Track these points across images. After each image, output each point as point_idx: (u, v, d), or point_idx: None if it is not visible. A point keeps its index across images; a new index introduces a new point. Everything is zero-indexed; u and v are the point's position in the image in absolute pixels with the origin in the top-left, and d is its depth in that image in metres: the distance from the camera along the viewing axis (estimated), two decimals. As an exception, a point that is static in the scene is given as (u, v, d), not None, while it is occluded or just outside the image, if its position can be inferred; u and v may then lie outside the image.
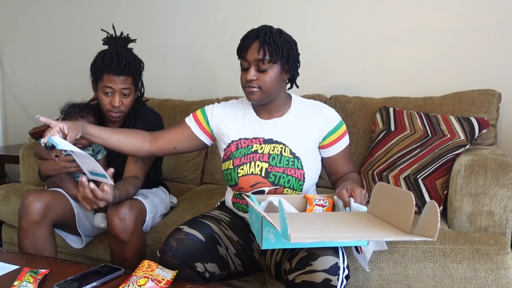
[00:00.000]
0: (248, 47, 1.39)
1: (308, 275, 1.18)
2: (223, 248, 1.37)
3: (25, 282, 1.20)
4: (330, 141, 1.48)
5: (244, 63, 1.42)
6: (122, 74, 1.64)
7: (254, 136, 1.49)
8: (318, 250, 1.20)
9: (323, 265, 1.17)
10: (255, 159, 1.44)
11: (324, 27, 2.32)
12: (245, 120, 1.52)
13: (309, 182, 1.46)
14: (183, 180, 2.36)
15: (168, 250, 1.30)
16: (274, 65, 1.40)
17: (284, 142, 1.46)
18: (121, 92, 1.66)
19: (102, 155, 1.77)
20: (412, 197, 1.12)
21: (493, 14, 2.02)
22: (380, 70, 2.24)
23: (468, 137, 1.73)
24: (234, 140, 1.50)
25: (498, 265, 1.40)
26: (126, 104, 1.69)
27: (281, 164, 1.42)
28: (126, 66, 1.63)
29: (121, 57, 1.64)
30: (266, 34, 1.39)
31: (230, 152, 1.49)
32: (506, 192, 1.48)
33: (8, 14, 3.21)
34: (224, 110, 1.56)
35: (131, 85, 1.68)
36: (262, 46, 1.37)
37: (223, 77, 2.58)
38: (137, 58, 1.72)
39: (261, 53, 1.37)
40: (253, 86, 1.40)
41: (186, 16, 2.64)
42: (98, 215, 1.72)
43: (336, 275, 1.17)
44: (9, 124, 3.34)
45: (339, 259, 1.19)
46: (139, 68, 1.72)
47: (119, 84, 1.64)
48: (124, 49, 1.69)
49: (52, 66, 3.10)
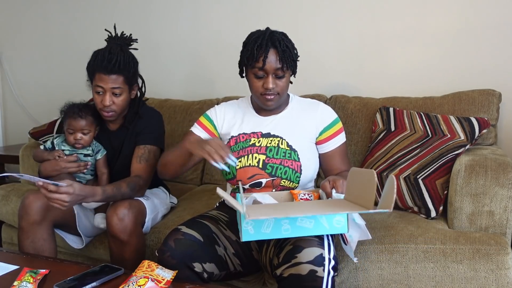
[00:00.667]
0: (266, 57, 1.42)
1: (294, 268, 1.19)
2: (221, 248, 1.38)
3: (25, 282, 1.19)
4: (326, 136, 1.53)
5: (259, 72, 1.44)
6: (112, 73, 1.62)
7: (252, 131, 1.54)
8: (303, 242, 1.22)
9: (307, 257, 1.19)
10: (252, 151, 1.48)
11: (324, 27, 2.32)
12: (245, 117, 1.58)
13: (306, 176, 1.49)
14: (183, 180, 2.36)
15: (166, 250, 1.30)
16: (288, 71, 1.47)
17: (281, 135, 1.51)
18: (112, 92, 1.64)
19: (101, 155, 1.77)
20: (374, 174, 1.14)
21: (493, 14, 2.02)
22: (380, 70, 2.24)
23: (468, 137, 1.73)
24: (234, 135, 1.55)
25: (498, 265, 1.40)
26: (118, 103, 1.66)
27: (278, 156, 1.47)
28: (116, 64, 1.61)
29: (112, 56, 1.62)
30: (280, 43, 1.43)
31: (229, 147, 1.52)
32: (506, 192, 1.48)
33: (8, 15, 3.21)
34: (226, 110, 1.61)
35: (123, 85, 1.65)
36: (281, 55, 1.42)
37: (223, 77, 2.58)
38: (131, 57, 1.69)
39: (280, 62, 1.42)
40: (273, 93, 1.45)
41: (186, 16, 2.64)
42: (98, 215, 1.72)
43: (321, 266, 1.18)
44: (9, 124, 3.34)
45: (324, 250, 1.21)
46: (132, 67, 1.68)
47: (110, 83, 1.62)
48: (119, 48, 1.66)
49: (52, 66, 3.10)
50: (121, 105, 1.68)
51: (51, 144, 1.73)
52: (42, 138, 2.25)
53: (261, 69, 1.43)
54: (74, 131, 1.70)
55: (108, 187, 1.58)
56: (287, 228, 1.22)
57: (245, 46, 1.48)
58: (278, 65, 1.42)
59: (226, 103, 1.64)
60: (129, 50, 1.72)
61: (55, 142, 1.73)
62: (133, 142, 1.75)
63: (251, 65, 1.44)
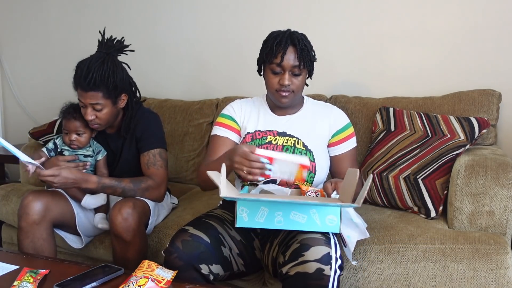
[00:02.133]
0: (284, 53, 1.44)
1: (301, 266, 1.19)
2: (227, 249, 1.38)
3: (25, 282, 1.19)
4: (338, 139, 1.56)
5: (276, 68, 1.47)
6: (89, 90, 1.58)
7: (268, 128, 1.56)
8: (310, 241, 1.23)
9: (315, 255, 1.19)
10: (269, 149, 1.49)
11: (324, 27, 2.32)
12: (260, 115, 1.60)
13: (320, 176, 1.52)
14: (183, 180, 2.36)
15: (174, 252, 1.29)
16: (305, 70, 1.50)
17: (297, 135, 1.53)
18: (93, 107, 1.62)
19: (102, 156, 1.77)
20: (356, 172, 1.21)
21: (493, 14, 2.02)
22: (380, 70, 2.24)
23: (468, 137, 1.73)
24: (250, 132, 1.57)
25: (498, 264, 1.40)
26: (101, 117, 1.63)
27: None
28: (91, 81, 1.56)
29: (89, 71, 1.56)
30: (300, 41, 1.47)
31: (244, 143, 1.54)
32: (506, 192, 1.49)
33: (8, 15, 3.21)
34: (242, 106, 1.64)
35: (102, 100, 1.60)
36: (299, 53, 1.45)
37: (223, 77, 2.58)
38: (111, 70, 1.60)
39: (298, 60, 1.45)
40: (288, 90, 1.47)
41: (186, 16, 2.64)
42: (98, 215, 1.73)
43: (328, 265, 1.19)
44: (9, 124, 3.33)
45: (331, 249, 1.22)
46: (111, 82, 1.59)
47: (88, 99, 1.60)
48: (100, 61, 1.59)
49: (52, 66, 3.10)
50: (104, 118, 1.65)
51: (54, 144, 1.73)
52: (42, 138, 2.25)
53: (279, 65, 1.45)
54: (68, 132, 1.70)
55: (106, 178, 1.62)
56: (280, 220, 1.25)
57: (265, 43, 1.52)
58: (296, 63, 1.45)
59: (240, 100, 1.67)
60: (115, 59, 1.65)
61: (57, 142, 1.73)
62: (133, 146, 1.74)
63: (269, 61, 1.47)
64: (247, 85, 1.50)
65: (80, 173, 1.57)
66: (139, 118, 1.75)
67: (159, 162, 1.70)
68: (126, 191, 1.61)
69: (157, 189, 1.67)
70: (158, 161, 1.69)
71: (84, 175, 1.57)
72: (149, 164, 1.68)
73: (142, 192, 1.64)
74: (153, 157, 1.70)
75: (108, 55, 1.64)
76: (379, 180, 1.77)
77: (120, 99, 1.68)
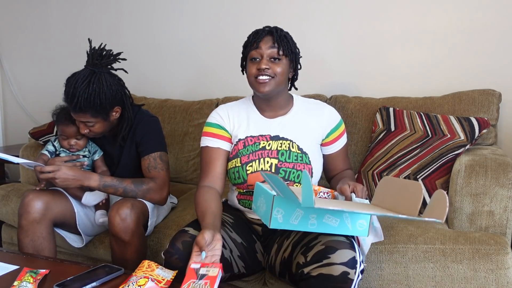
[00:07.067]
0: (261, 40, 1.44)
1: (325, 268, 1.18)
2: (227, 251, 1.37)
3: (25, 282, 1.19)
4: (332, 138, 1.54)
5: (255, 54, 1.44)
6: (77, 112, 1.59)
7: (260, 133, 1.51)
8: (335, 244, 1.21)
9: (341, 258, 1.18)
10: (263, 155, 1.47)
11: (324, 27, 2.32)
12: (250, 119, 1.54)
13: (316, 178, 1.51)
14: (183, 180, 2.36)
15: (174, 253, 1.28)
16: (286, 58, 1.45)
17: (291, 138, 1.49)
18: (84, 124, 1.62)
19: (99, 155, 1.77)
20: (421, 185, 1.13)
21: (493, 14, 2.02)
22: (380, 70, 2.24)
23: (468, 137, 1.73)
24: (241, 138, 1.51)
25: (498, 265, 1.40)
26: (94, 130, 1.64)
27: (290, 160, 1.45)
28: (77, 105, 1.55)
29: (75, 93, 1.55)
30: (278, 31, 1.46)
31: (237, 150, 1.50)
32: (506, 192, 1.48)
33: (8, 14, 3.21)
34: (228, 110, 1.56)
35: (92, 118, 1.60)
36: (276, 39, 1.43)
37: (223, 77, 2.58)
38: (96, 92, 1.56)
39: (275, 45, 1.43)
40: (267, 74, 1.42)
41: (186, 16, 2.64)
42: (98, 212, 1.74)
43: (354, 269, 1.18)
44: (9, 124, 3.34)
45: (356, 253, 1.21)
46: (98, 104, 1.57)
47: (78, 118, 1.61)
48: (85, 83, 1.56)
49: (52, 66, 3.10)
50: (99, 131, 1.66)
51: (53, 147, 1.73)
52: (42, 138, 2.25)
53: (256, 50, 1.43)
54: (67, 137, 1.70)
55: (108, 176, 1.63)
56: (314, 223, 1.22)
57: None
58: (274, 48, 1.42)
59: (225, 105, 1.59)
60: (101, 78, 1.60)
61: (56, 145, 1.73)
62: (133, 150, 1.74)
63: (248, 48, 1.46)
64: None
65: (80, 171, 1.59)
66: (138, 122, 1.73)
67: (160, 165, 1.69)
68: (127, 191, 1.62)
69: (158, 191, 1.67)
70: (159, 164, 1.69)
71: (85, 173, 1.59)
72: (150, 167, 1.68)
73: (143, 194, 1.64)
74: (154, 160, 1.69)
75: (95, 73, 1.60)
76: (379, 180, 1.77)
77: (111, 114, 1.66)
